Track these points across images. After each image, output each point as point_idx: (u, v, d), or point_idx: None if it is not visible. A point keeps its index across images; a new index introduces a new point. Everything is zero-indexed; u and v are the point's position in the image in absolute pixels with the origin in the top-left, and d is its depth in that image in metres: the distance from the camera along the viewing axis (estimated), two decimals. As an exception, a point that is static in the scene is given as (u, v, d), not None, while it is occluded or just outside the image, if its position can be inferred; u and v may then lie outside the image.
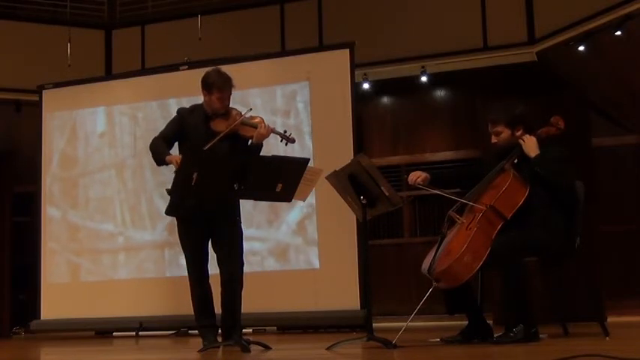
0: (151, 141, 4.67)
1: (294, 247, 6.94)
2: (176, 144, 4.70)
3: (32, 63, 8.70)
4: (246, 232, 4.78)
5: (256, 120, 4.60)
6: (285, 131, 4.59)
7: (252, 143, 4.55)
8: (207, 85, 4.61)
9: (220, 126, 4.55)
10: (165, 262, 7.29)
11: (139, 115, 7.60)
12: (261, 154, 4.51)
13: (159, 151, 4.59)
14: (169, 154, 4.53)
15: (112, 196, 7.57)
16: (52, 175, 7.82)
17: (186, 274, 4.69)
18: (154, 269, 7.35)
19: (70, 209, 7.71)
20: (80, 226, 7.64)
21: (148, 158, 7.26)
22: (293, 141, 4.59)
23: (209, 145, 4.39)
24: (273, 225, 6.99)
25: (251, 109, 4.68)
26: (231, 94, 4.63)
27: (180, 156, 4.38)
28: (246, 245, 4.65)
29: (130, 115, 7.64)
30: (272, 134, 4.54)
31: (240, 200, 4.58)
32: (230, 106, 4.66)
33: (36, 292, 7.70)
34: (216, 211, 4.48)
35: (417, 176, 4.43)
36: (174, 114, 4.78)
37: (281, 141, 4.58)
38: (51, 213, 7.75)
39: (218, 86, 4.57)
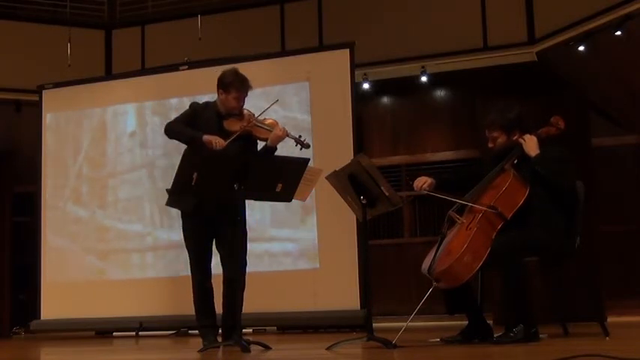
0: (165, 127, 4.64)
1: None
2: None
3: (32, 63, 8.70)
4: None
5: (270, 122, 4.61)
6: (300, 136, 4.58)
7: (267, 145, 4.55)
8: (224, 85, 4.61)
9: (234, 126, 4.56)
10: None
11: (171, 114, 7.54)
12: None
13: (187, 131, 4.56)
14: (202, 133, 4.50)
15: (142, 196, 7.48)
16: (75, 175, 7.74)
17: (185, 273, 4.70)
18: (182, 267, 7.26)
19: (98, 209, 7.63)
20: (108, 226, 7.58)
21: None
22: (308, 146, 4.56)
23: (224, 145, 4.39)
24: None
25: (277, 100, 4.70)
26: (247, 95, 4.64)
27: (217, 137, 4.39)
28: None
29: (161, 115, 7.51)
30: (286, 138, 4.55)
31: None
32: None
33: (36, 292, 7.70)
34: (219, 212, 4.49)
35: (422, 182, 4.44)
36: None
37: (296, 145, 4.57)
38: (78, 213, 7.67)
39: (236, 86, 4.58)
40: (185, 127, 4.59)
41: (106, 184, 7.67)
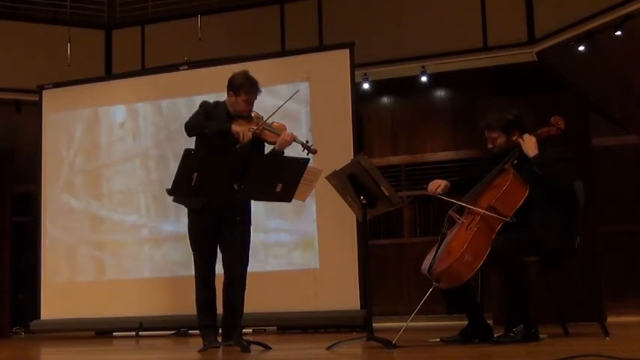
0: (185, 126, 4.62)
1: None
2: (193, 138, 4.69)
3: (32, 63, 8.71)
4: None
5: (279, 126, 4.61)
6: (307, 141, 4.58)
7: (274, 149, 4.55)
8: (234, 87, 4.61)
9: (243, 128, 4.55)
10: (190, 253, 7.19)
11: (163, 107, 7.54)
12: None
13: (212, 123, 4.55)
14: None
15: (136, 188, 7.48)
16: (69, 167, 7.76)
17: (185, 273, 4.69)
18: (180, 260, 7.10)
19: (93, 200, 7.63)
20: (104, 217, 7.58)
21: (172, 149, 7.12)
22: (315, 152, 4.55)
23: (250, 138, 4.41)
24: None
25: (298, 91, 4.71)
26: (256, 98, 4.64)
27: (245, 129, 4.41)
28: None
29: (153, 107, 7.56)
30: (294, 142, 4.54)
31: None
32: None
33: (36, 292, 7.70)
34: (224, 211, 4.48)
35: (437, 185, 4.43)
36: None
37: (303, 151, 4.57)
38: (72, 204, 7.68)
39: (246, 90, 4.58)
40: (207, 121, 4.59)
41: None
